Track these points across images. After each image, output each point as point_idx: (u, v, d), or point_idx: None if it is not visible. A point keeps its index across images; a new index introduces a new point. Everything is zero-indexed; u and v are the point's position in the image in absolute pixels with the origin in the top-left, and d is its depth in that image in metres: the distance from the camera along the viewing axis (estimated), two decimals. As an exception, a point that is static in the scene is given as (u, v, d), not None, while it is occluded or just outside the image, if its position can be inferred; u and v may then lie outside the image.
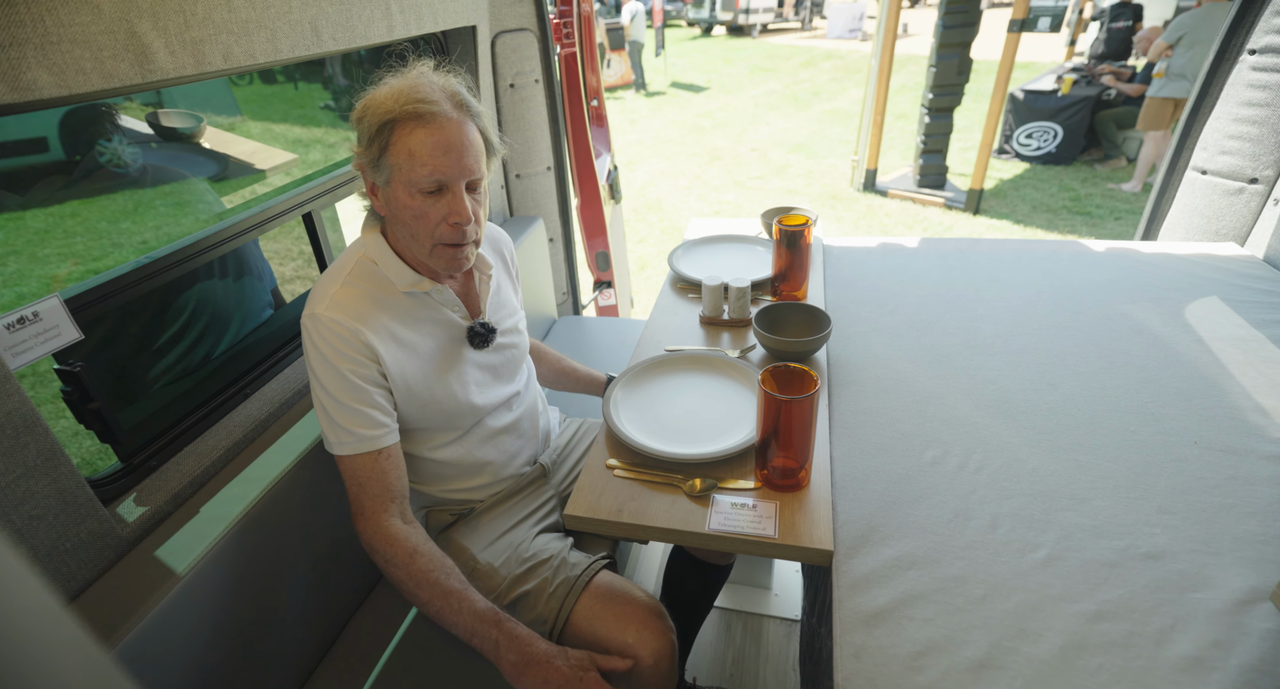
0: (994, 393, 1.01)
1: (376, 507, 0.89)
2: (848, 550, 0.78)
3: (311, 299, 0.89)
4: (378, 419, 0.88)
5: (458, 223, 0.86)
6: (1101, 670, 0.62)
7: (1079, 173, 4.92)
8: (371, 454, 0.88)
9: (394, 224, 0.90)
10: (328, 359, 0.86)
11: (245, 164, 2.02)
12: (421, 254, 0.90)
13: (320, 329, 0.86)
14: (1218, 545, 0.73)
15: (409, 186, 0.84)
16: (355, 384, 0.87)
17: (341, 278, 0.90)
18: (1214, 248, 1.35)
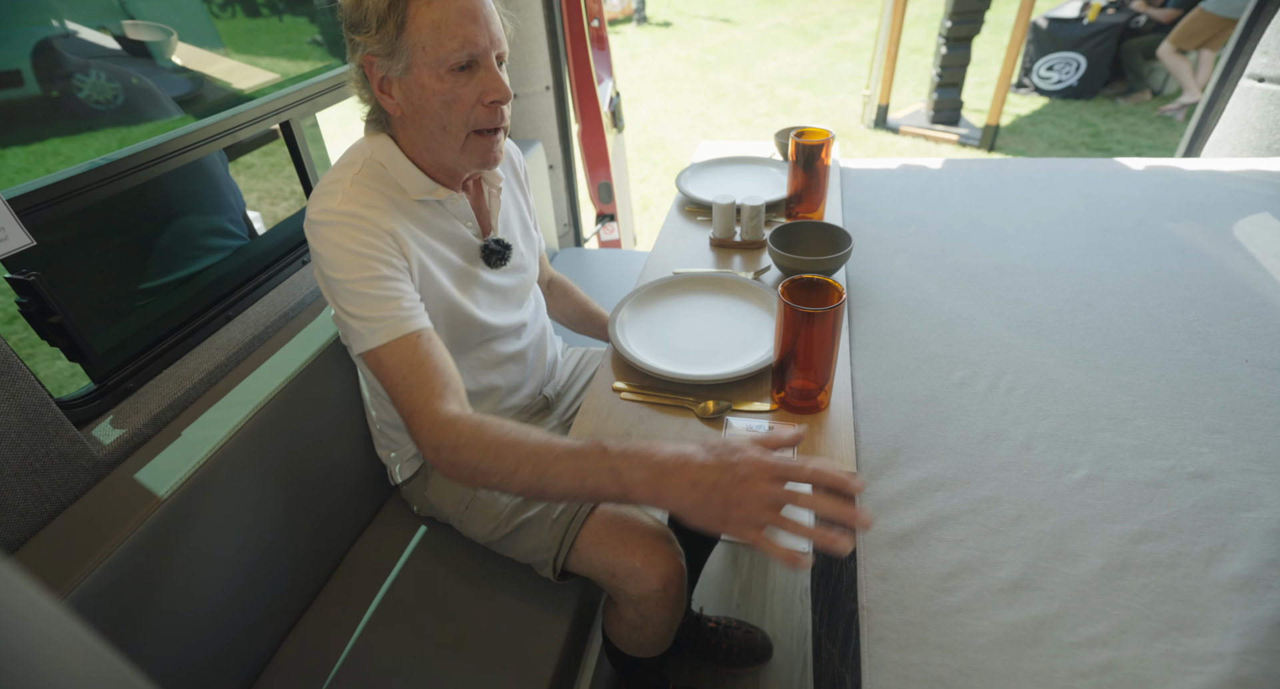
0: (1026, 313, 0.94)
1: (429, 396, 0.74)
2: (871, 472, 0.73)
3: (318, 198, 0.79)
4: (410, 301, 0.79)
5: (495, 101, 0.77)
6: (1146, 590, 0.58)
7: (1100, 107, 4.70)
8: (410, 338, 0.77)
9: (415, 121, 0.80)
10: (350, 250, 0.76)
11: (223, 84, 1.89)
12: (453, 149, 0.80)
13: (337, 223, 0.77)
14: (1272, 464, 0.68)
15: (437, 66, 0.74)
16: (383, 273, 0.77)
17: (350, 177, 0.80)
18: (1267, 163, 1.25)
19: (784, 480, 0.59)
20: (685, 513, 0.60)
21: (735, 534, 0.58)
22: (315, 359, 0.99)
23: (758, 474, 0.58)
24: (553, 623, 0.95)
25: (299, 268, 1.18)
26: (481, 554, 1.02)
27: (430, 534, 1.08)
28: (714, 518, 0.58)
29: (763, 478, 0.58)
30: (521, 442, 0.68)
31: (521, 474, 0.66)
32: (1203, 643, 0.53)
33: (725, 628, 1.31)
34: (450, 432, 0.70)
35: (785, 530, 0.58)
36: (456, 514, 0.97)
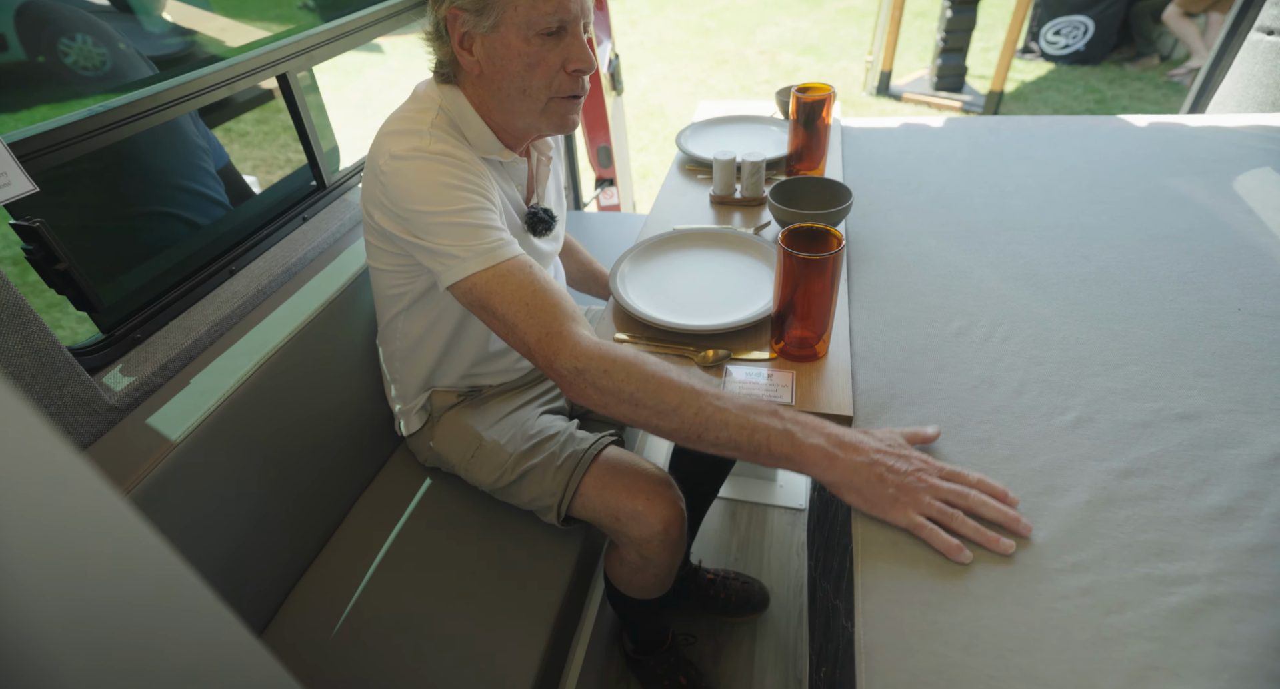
0: (1023, 266, 0.95)
1: (563, 318, 0.72)
2: (867, 417, 0.75)
3: (400, 136, 0.78)
4: (508, 233, 0.78)
5: (578, 70, 0.77)
6: (1129, 522, 0.60)
7: (1106, 73, 4.63)
8: (522, 260, 0.76)
9: (493, 80, 0.79)
10: (444, 184, 0.75)
11: (216, 41, 1.86)
12: (531, 112, 0.80)
13: (430, 159, 0.76)
14: (1257, 405, 0.69)
15: (526, 28, 0.74)
16: (481, 205, 0.77)
17: (429, 122, 0.80)
18: (1271, 118, 1.25)
19: (952, 481, 0.62)
20: (853, 489, 0.61)
21: (900, 519, 0.60)
22: (321, 312, 1.01)
23: (929, 470, 0.62)
24: (556, 569, 0.98)
25: (299, 225, 1.18)
26: (486, 503, 1.05)
27: (436, 484, 1.11)
28: (882, 499, 0.60)
29: (934, 474, 0.62)
30: (686, 383, 0.67)
31: (682, 413, 0.65)
32: (1179, 567, 0.56)
33: (723, 579, 1.35)
34: (597, 357, 0.69)
35: (948, 524, 0.59)
36: (463, 462, 0.99)
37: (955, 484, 0.62)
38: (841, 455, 0.63)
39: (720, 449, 0.67)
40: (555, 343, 0.71)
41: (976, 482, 0.62)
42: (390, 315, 0.95)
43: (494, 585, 0.96)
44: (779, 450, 0.64)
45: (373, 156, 0.80)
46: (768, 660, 1.30)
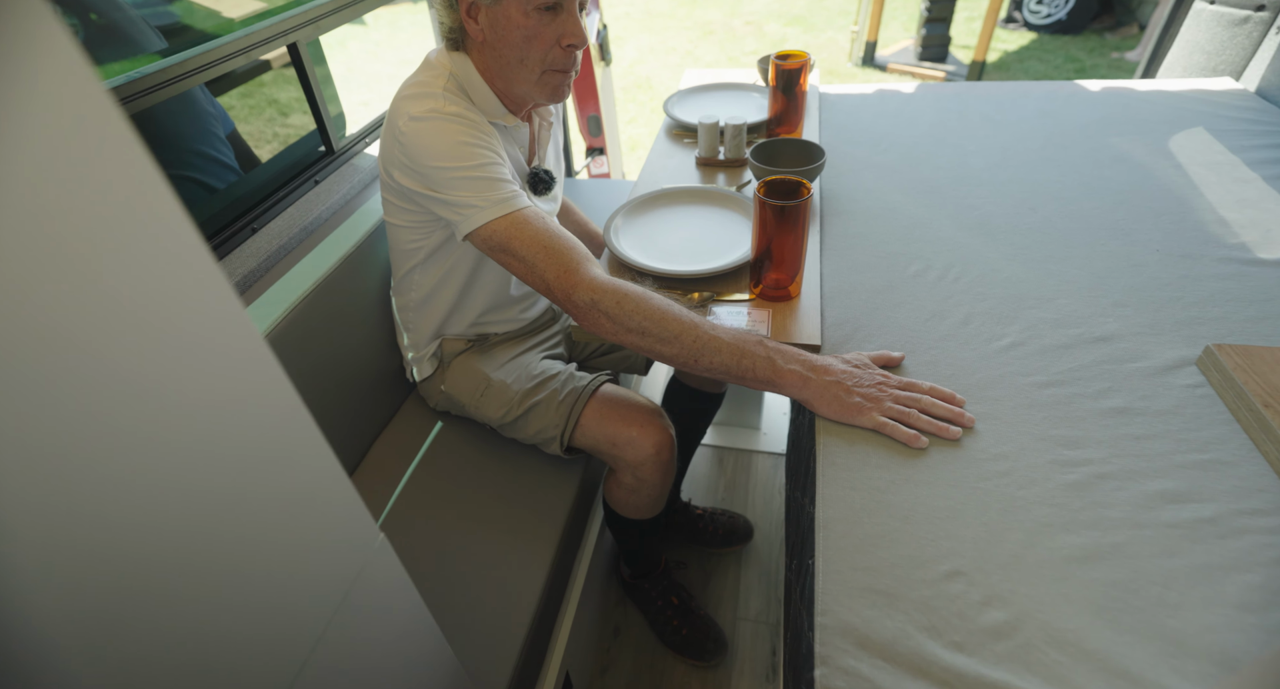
0: (977, 217, 1.06)
1: (577, 260, 0.81)
2: (833, 346, 0.86)
3: (417, 99, 0.86)
4: (519, 187, 0.87)
5: (572, 45, 0.85)
6: (1044, 421, 0.72)
7: (1087, 42, 4.70)
8: (533, 210, 0.85)
9: (495, 49, 0.87)
10: (460, 142, 0.84)
11: (211, 12, 1.89)
12: (527, 81, 0.88)
13: (447, 119, 0.84)
14: (1160, 329, 0.81)
15: (526, 3, 0.81)
16: (494, 160, 0.86)
17: (441, 86, 0.87)
18: (1208, 83, 1.35)
19: (907, 389, 0.73)
20: (824, 402, 0.73)
21: (866, 422, 0.71)
22: (337, 268, 1.09)
23: (889, 382, 0.74)
24: (558, 497, 1.09)
25: (311, 187, 1.26)
26: (493, 441, 1.16)
27: (446, 426, 1.21)
28: (849, 407, 0.72)
29: (892, 385, 0.73)
30: (685, 316, 0.78)
31: (682, 341, 0.76)
32: (1080, 453, 0.68)
33: (711, 514, 1.47)
34: (610, 291, 0.79)
35: (906, 420, 0.71)
36: (472, 401, 1.09)
37: (910, 392, 0.73)
38: (814, 377, 0.74)
39: (713, 372, 0.77)
40: (572, 278, 0.80)
41: (929, 388, 0.74)
42: (406, 269, 1.04)
43: (503, 512, 1.07)
44: (762, 374, 0.75)
45: (391, 118, 0.88)
46: (752, 584, 1.43)
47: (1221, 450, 0.66)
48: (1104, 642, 0.54)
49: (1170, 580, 0.57)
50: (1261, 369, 0.68)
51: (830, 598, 0.60)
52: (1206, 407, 0.71)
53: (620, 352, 1.26)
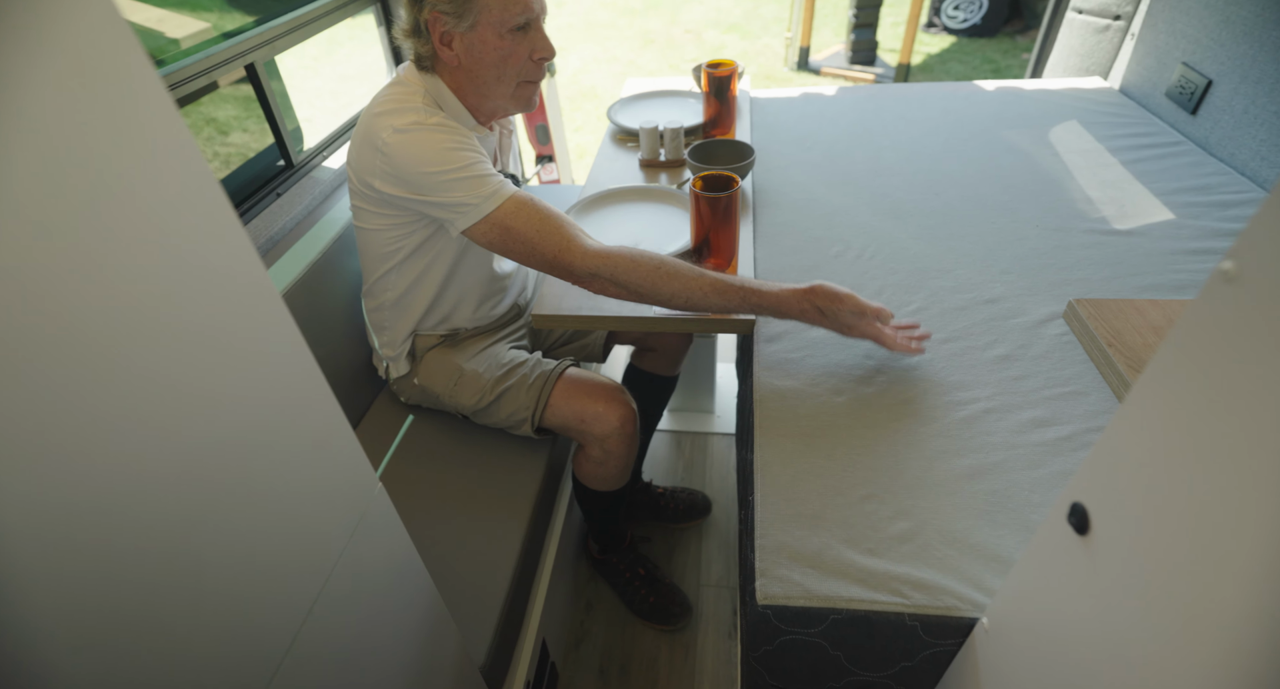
0: (889, 203, 1.19)
1: (572, 235, 0.90)
2: (765, 321, 0.98)
3: (398, 114, 0.91)
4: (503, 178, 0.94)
5: (543, 58, 0.93)
6: (942, 370, 0.85)
7: (1001, 45, 5.05)
8: (523, 195, 0.92)
9: (471, 71, 0.94)
10: (447, 148, 0.90)
11: (153, 33, 1.90)
12: (503, 96, 0.96)
13: (432, 129, 0.90)
14: (1037, 290, 0.95)
15: (500, 27, 0.89)
16: (479, 160, 0.92)
17: (419, 100, 0.94)
18: (1081, 82, 1.54)
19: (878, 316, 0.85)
20: (815, 320, 0.86)
21: (863, 333, 0.85)
22: (304, 276, 1.15)
23: (864, 310, 0.85)
24: (528, 475, 1.17)
25: (273, 200, 1.32)
26: (463, 430, 1.23)
27: (418, 419, 1.28)
28: (839, 325, 0.85)
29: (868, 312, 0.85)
30: (675, 270, 0.89)
31: (677, 297, 0.89)
32: (970, 394, 0.81)
33: (671, 492, 1.58)
34: (606, 259, 0.89)
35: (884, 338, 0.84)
36: (446, 390, 1.16)
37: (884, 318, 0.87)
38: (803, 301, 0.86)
39: (710, 309, 0.91)
40: (571, 255, 0.90)
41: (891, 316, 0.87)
42: (382, 272, 1.11)
43: (476, 495, 1.14)
44: (757, 306, 0.89)
45: (369, 133, 0.93)
46: (713, 554, 1.54)
47: (1080, 384, 0.80)
48: (984, 537, 0.66)
49: (1035, 486, 0.69)
50: (1108, 317, 0.83)
51: (767, 524, 0.70)
52: (1070, 350, 0.85)
53: (580, 340, 1.35)
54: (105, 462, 0.35)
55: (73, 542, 0.33)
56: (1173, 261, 0.99)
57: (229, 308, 0.44)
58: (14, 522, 0.30)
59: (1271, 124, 1.12)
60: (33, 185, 0.31)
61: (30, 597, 0.32)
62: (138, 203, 0.37)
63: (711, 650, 1.37)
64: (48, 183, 0.32)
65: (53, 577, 0.33)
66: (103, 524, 0.35)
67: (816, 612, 0.64)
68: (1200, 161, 1.22)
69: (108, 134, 0.35)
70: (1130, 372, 0.76)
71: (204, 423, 0.42)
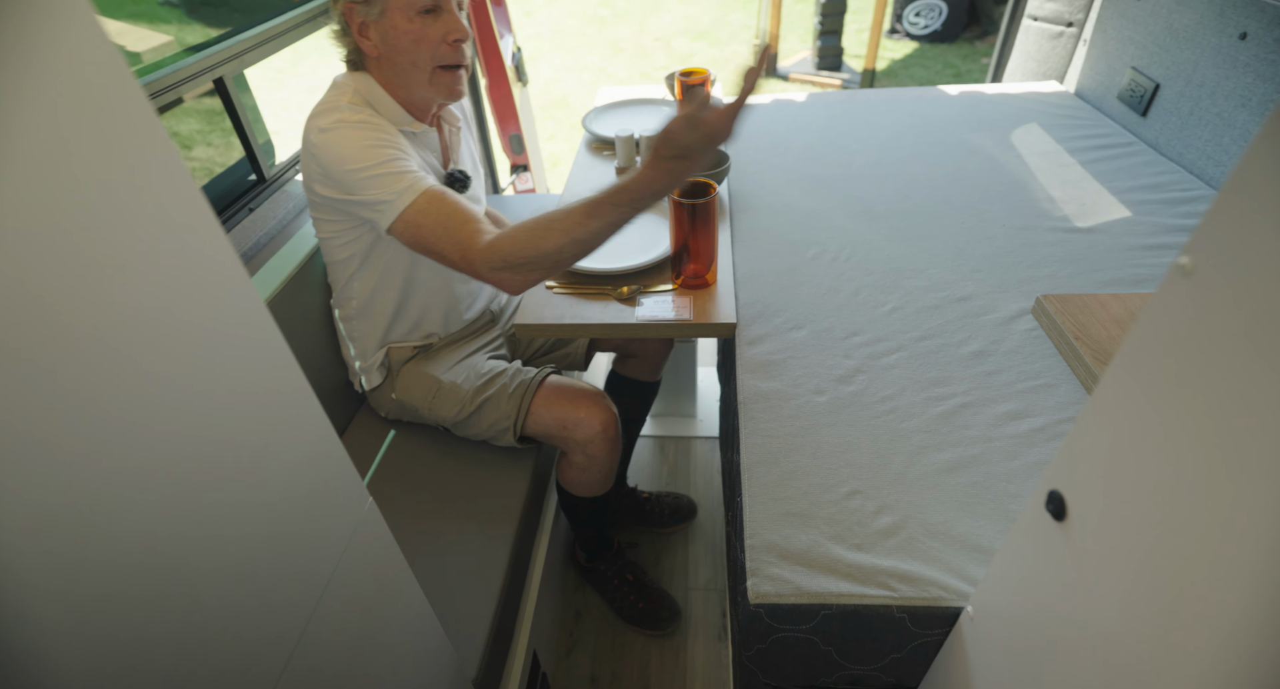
0: (862, 206, 1.22)
1: (472, 233, 0.86)
2: (746, 322, 0.99)
3: (323, 114, 0.92)
4: (423, 173, 0.92)
5: (458, 39, 0.92)
6: (921, 367, 0.87)
7: (961, 50, 5.19)
8: (435, 191, 0.89)
9: (389, 59, 0.94)
10: (366, 145, 0.89)
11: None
12: (420, 83, 0.95)
13: (353, 126, 0.89)
14: (1006, 287, 0.99)
15: (407, 10, 0.89)
16: (397, 157, 0.91)
17: (347, 100, 0.94)
18: (1039, 86, 1.60)
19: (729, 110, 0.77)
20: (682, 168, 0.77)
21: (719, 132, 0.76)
22: (280, 291, 1.14)
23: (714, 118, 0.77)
24: (513, 489, 1.16)
25: (246, 215, 1.30)
26: (446, 443, 1.22)
27: (400, 433, 1.27)
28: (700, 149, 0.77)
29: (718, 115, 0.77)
30: (551, 221, 0.81)
31: (565, 247, 0.81)
32: (947, 389, 0.83)
33: (657, 497, 1.58)
34: (497, 252, 0.83)
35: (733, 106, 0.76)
36: (426, 404, 1.16)
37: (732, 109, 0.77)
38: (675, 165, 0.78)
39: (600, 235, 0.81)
40: (471, 255, 0.85)
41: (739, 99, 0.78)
42: (344, 279, 1.10)
43: (462, 506, 1.14)
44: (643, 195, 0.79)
45: (305, 136, 0.95)
46: (700, 556, 1.55)
47: (1050, 377, 0.83)
48: (966, 528, 0.68)
49: (1012, 477, 0.72)
50: (1075, 312, 0.86)
51: (756, 524, 0.72)
52: (1039, 345, 0.88)
53: (561, 349, 1.35)
54: (94, 483, 0.35)
55: (61, 565, 0.33)
56: (1131, 257, 1.03)
57: (218, 326, 0.43)
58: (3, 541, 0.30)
59: (1215, 125, 1.18)
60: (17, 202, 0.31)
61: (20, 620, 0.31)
62: (126, 222, 0.36)
63: (702, 653, 1.37)
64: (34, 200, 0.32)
65: (41, 599, 0.32)
66: (92, 547, 0.35)
67: (807, 608, 0.65)
68: (1152, 161, 1.28)
69: (97, 158, 0.35)
70: (1097, 364, 0.79)
71: (195, 444, 0.41)
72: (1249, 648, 0.30)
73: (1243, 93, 1.13)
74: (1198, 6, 1.22)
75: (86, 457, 0.34)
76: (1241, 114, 1.13)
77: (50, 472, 0.32)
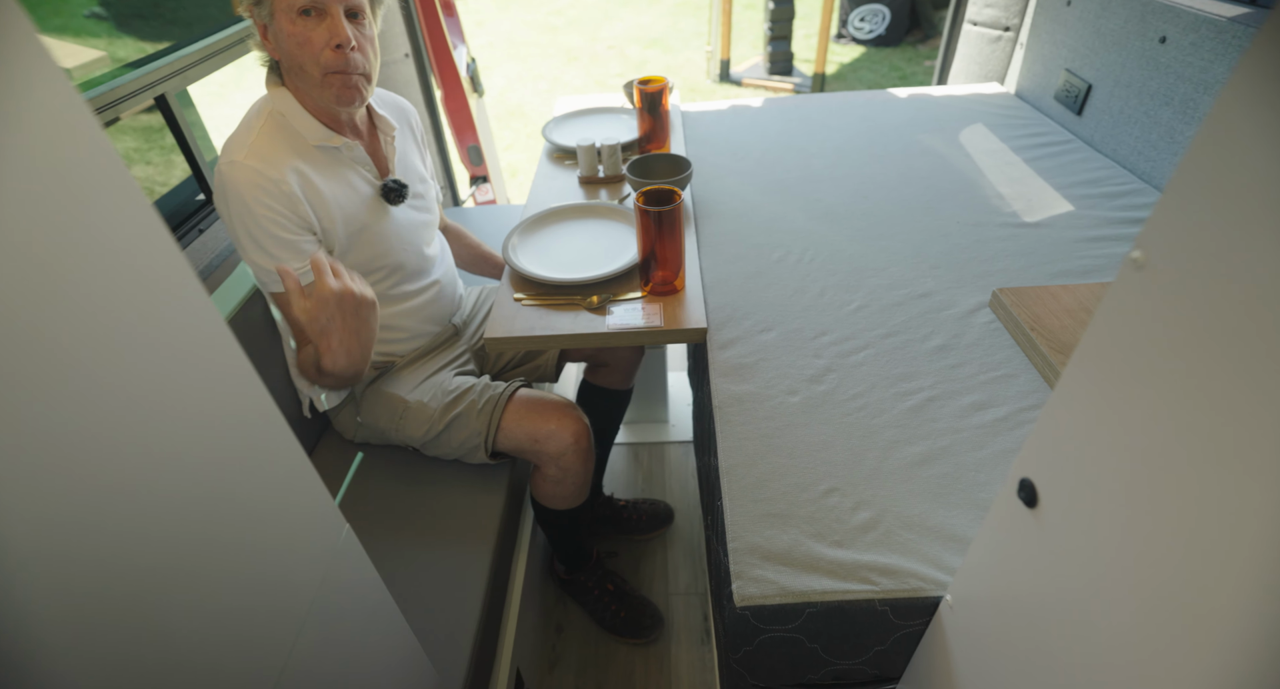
0: (822, 207, 1.25)
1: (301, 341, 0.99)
2: (717, 326, 1.00)
3: (227, 149, 0.91)
4: (298, 261, 0.94)
5: (340, 45, 0.90)
6: (888, 363, 0.89)
7: (905, 53, 5.37)
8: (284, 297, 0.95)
9: (287, 66, 0.93)
10: (249, 206, 0.89)
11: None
12: (315, 87, 0.93)
13: (240, 176, 0.89)
14: (964, 282, 1.02)
15: (288, 12, 0.88)
16: (276, 235, 0.92)
17: (256, 129, 0.93)
18: (982, 88, 1.67)
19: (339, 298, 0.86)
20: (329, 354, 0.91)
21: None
22: (234, 317, 1.10)
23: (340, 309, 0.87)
24: (489, 506, 1.14)
25: (197, 237, 1.25)
26: (417, 463, 1.19)
27: (368, 456, 1.23)
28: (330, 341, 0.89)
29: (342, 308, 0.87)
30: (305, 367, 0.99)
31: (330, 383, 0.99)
32: (914, 384, 0.85)
33: (634, 504, 1.58)
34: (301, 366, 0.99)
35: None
36: (393, 424, 1.13)
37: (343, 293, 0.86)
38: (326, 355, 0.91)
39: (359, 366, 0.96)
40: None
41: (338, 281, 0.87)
42: None
43: (438, 524, 1.11)
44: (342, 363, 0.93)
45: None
46: (679, 562, 1.55)
47: (1009, 367, 0.86)
48: (940, 518, 0.70)
49: (980, 466, 0.74)
50: (1028, 303, 0.89)
51: (737, 526, 0.72)
52: (998, 336, 0.91)
53: (531, 362, 1.34)
54: (69, 521, 0.33)
55: (26, 605, 0.31)
56: (1077, 249, 1.08)
57: (186, 360, 0.42)
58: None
59: (1144, 123, 1.25)
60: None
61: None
62: (89, 259, 0.35)
63: (686, 658, 1.37)
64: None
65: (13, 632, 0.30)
66: (60, 583, 0.33)
67: (793, 607, 0.66)
68: (1089, 157, 1.34)
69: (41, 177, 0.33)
70: (1052, 353, 0.82)
71: (162, 476, 0.39)
72: (1221, 622, 0.31)
73: (1165, 92, 1.20)
74: (1121, 12, 1.29)
75: (49, 496, 0.32)
76: (1165, 112, 1.20)
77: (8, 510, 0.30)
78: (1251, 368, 0.28)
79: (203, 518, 0.43)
